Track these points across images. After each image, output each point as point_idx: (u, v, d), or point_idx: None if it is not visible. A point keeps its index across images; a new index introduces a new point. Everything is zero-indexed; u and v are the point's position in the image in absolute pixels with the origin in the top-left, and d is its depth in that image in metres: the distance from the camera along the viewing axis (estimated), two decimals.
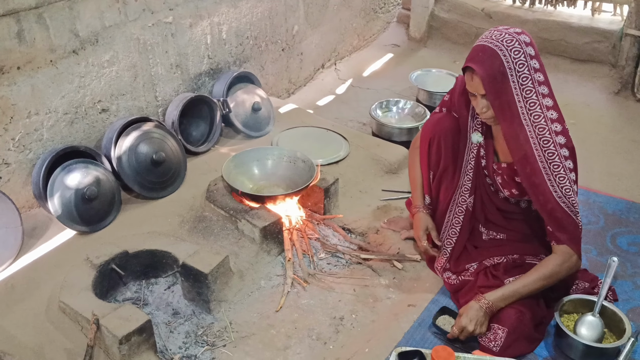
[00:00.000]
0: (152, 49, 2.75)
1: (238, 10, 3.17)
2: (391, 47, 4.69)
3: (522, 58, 1.85)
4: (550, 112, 1.90)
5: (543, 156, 1.91)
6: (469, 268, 2.23)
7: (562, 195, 1.91)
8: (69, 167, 2.38)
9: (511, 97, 1.88)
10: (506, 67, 1.85)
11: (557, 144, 1.90)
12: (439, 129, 2.23)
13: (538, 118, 1.89)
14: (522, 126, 1.90)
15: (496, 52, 1.85)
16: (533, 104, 1.88)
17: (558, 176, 1.90)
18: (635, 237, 2.57)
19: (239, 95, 3.11)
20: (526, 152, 1.92)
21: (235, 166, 2.59)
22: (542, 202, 1.95)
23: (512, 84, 1.86)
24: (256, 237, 2.34)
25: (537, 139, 1.90)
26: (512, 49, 1.85)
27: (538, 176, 1.92)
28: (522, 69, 1.85)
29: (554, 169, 1.90)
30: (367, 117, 3.44)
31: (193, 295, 2.16)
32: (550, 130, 1.89)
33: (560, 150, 1.90)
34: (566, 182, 1.90)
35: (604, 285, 2.02)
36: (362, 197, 2.80)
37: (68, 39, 2.40)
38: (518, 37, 1.86)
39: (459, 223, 2.25)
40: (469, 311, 1.97)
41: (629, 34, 3.65)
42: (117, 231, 2.41)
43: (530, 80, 1.86)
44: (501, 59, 1.85)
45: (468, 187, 2.20)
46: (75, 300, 2.01)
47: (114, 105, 2.67)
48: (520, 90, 1.87)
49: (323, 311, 2.19)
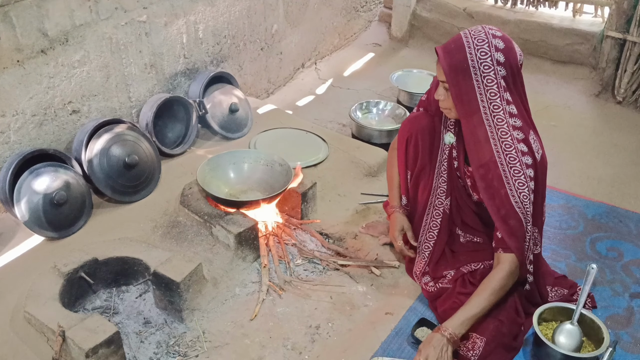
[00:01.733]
0: (125, 48, 2.68)
1: (215, 9, 3.10)
2: (372, 46, 4.65)
3: (487, 60, 1.81)
4: (513, 120, 1.87)
5: (504, 159, 1.88)
6: (446, 275, 2.20)
7: (519, 201, 1.88)
8: (37, 170, 2.30)
9: (473, 94, 1.85)
10: (469, 64, 1.82)
11: (518, 150, 1.87)
12: (416, 127, 2.19)
13: (501, 122, 1.86)
14: (483, 124, 1.87)
15: (464, 46, 1.83)
16: (497, 107, 1.85)
17: (517, 182, 1.88)
18: (615, 242, 2.56)
19: (216, 96, 3.04)
20: (486, 155, 1.89)
21: (211, 170, 2.52)
22: (497, 206, 1.92)
23: (476, 82, 1.83)
24: (231, 244, 2.28)
25: (499, 142, 1.88)
26: (480, 49, 1.82)
27: (497, 180, 1.89)
28: (488, 71, 1.82)
29: (514, 173, 1.87)
30: (347, 118, 3.40)
31: (165, 304, 2.10)
32: (513, 137, 1.87)
33: (522, 158, 1.87)
34: (525, 189, 1.88)
35: (583, 293, 2.00)
36: (340, 200, 2.75)
37: (36, 38, 2.31)
38: (491, 40, 1.82)
39: (436, 226, 2.22)
40: (433, 342, 1.86)
41: (610, 35, 3.64)
42: (87, 237, 2.35)
43: (495, 84, 1.83)
44: (466, 55, 1.82)
45: (444, 189, 2.18)
46: (41, 310, 1.94)
47: (85, 106, 2.59)
48: (484, 91, 1.84)
49: (299, 320, 2.14)
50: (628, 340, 2.08)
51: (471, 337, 1.95)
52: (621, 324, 2.15)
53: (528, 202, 1.89)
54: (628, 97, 3.69)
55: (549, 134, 3.45)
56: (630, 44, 3.56)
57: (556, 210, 2.74)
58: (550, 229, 2.62)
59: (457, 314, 1.91)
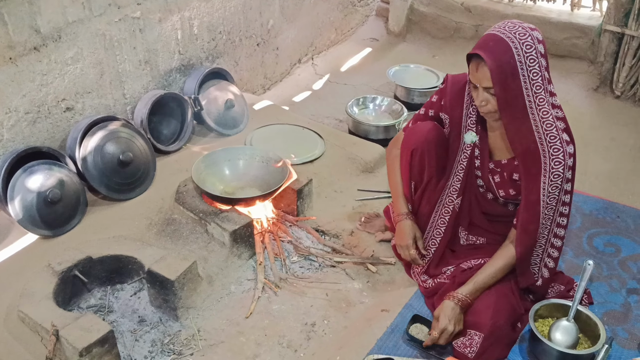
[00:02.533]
0: (119, 45, 2.66)
1: (210, 5, 3.08)
2: (370, 41, 4.63)
3: (533, 53, 1.79)
4: (556, 111, 1.87)
5: (547, 150, 1.86)
6: (445, 271, 2.19)
7: (545, 194, 1.89)
8: (31, 168, 2.29)
9: (519, 91, 1.81)
10: (517, 59, 1.78)
11: (563, 140, 1.86)
12: (422, 140, 2.13)
13: (546, 115, 1.85)
14: (528, 120, 1.85)
15: (508, 43, 1.78)
16: (542, 100, 1.83)
17: (554, 174, 1.87)
18: (612, 238, 2.55)
19: (211, 92, 3.03)
20: (529, 145, 1.88)
21: (206, 167, 2.51)
22: (528, 191, 1.93)
23: (522, 77, 1.80)
24: (226, 241, 2.27)
25: (544, 135, 1.86)
26: (525, 42, 1.78)
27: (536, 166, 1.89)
28: (533, 64, 1.79)
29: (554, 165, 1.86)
30: (344, 114, 3.38)
31: (160, 302, 2.09)
32: (557, 128, 1.86)
33: (566, 147, 1.87)
34: (558, 180, 1.88)
35: (579, 289, 1.99)
36: (337, 197, 2.74)
37: (28, 35, 2.29)
38: (531, 33, 1.80)
39: (444, 224, 2.21)
40: (446, 311, 1.94)
41: (608, 29, 3.62)
42: (81, 235, 2.33)
43: (540, 76, 1.81)
44: (512, 51, 1.78)
45: (457, 187, 2.15)
46: (34, 309, 1.93)
47: (79, 103, 2.58)
48: (530, 85, 1.81)
49: (294, 317, 2.13)
50: (624, 337, 2.07)
51: (468, 333, 1.94)
52: (618, 320, 2.14)
53: (557, 194, 1.90)
54: (626, 92, 3.67)
55: None
56: (628, 37, 3.54)
57: None
58: None
59: (470, 282, 1.99)
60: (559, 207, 1.94)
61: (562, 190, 1.92)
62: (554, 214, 1.95)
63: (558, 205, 1.94)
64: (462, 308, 1.95)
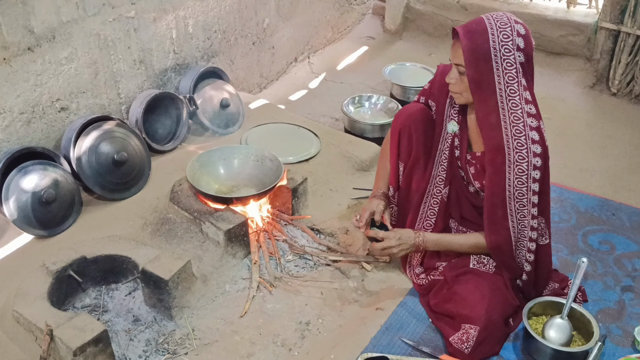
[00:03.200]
0: (114, 44, 2.66)
1: (205, 4, 3.08)
2: (366, 39, 4.62)
3: (509, 44, 1.81)
4: (528, 106, 1.87)
5: (512, 145, 1.88)
6: (438, 266, 2.20)
7: (512, 192, 1.91)
8: (25, 169, 2.29)
9: (491, 76, 1.84)
10: (491, 45, 1.81)
11: (529, 137, 1.86)
12: (410, 120, 2.18)
13: (515, 107, 1.86)
14: (497, 108, 1.87)
15: (486, 28, 1.82)
16: (513, 92, 1.85)
17: (518, 168, 1.88)
18: (607, 235, 2.55)
19: (206, 91, 3.03)
20: (497, 139, 1.89)
21: (201, 166, 2.51)
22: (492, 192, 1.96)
23: (495, 64, 1.82)
24: (221, 240, 2.27)
25: (510, 127, 1.87)
26: (502, 32, 1.81)
27: (501, 156, 1.90)
28: (508, 54, 1.82)
29: (518, 159, 1.88)
30: (340, 113, 3.38)
31: (154, 302, 2.09)
32: (525, 123, 1.86)
33: (532, 146, 1.87)
34: (523, 177, 1.89)
35: (573, 287, 2.00)
36: (332, 195, 2.74)
37: (22, 36, 2.29)
38: (513, 25, 1.83)
39: (434, 214, 2.22)
40: (404, 235, 2.09)
41: (604, 27, 3.62)
42: (76, 235, 2.33)
43: (514, 68, 1.83)
44: (488, 36, 1.81)
45: (442, 177, 2.17)
46: (29, 309, 1.93)
47: (73, 103, 2.58)
48: (503, 74, 1.83)
49: (289, 316, 2.14)
50: (618, 334, 2.08)
51: (463, 327, 1.95)
52: (612, 318, 2.15)
53: (525, 191, 1.90)
54: (622, 89, 3.67)
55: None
56: (624, 35, 3.54)
57: None
58: None
59: (439, 235, 2.14)
60: (529, 207, 1.93)
61: (530, 190, 1.90)
62: (525, 212, 1.94)
63: (528, 204, 1.92)
64: (415, 245, 2.10)
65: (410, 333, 2.06)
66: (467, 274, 2.09)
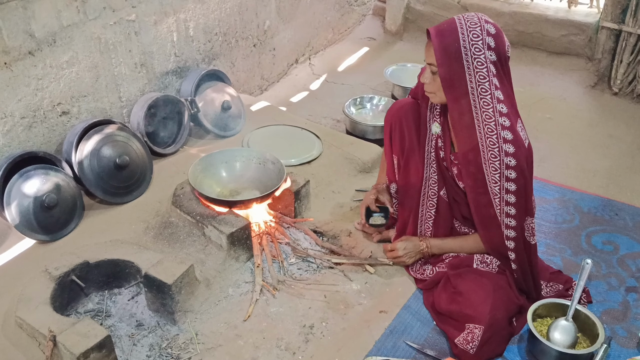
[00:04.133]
0: (115, 48, 2.65)
1: (206, 6, 3.07)
2: (367, 40, 4.62)
3: (479, 43, 1.82)
4: (500, 105, 1.87)
5: (485, 144, 1.89)
6: (445, 258, 2.21)
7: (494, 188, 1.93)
8: (27, 173, 2.28)
9: (462, 76, 1.85)
10: (461, 44, 1.82)
11: (500, 137, 1.87)
12: (400, 112, 2.22)
13: (487, 106, 1.87)
14: (470, 107, 1.88)
15: (457, 27, 1.84)
16: (484, 91, 1.86)
17: (491, 166, 1.90)
18: (610, 236, 2.54)
19: (208, 94, 3.02)
20: (473, 140, 1.91)
21: (203, 169, 2.50)
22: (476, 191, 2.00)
23: (466, 63, 1.83)
24: (223, 244, 2.26)
25: (483, 125, 1.88)
26: (472, 31, 1.83)
27: (475, 153, 1.92)
28: (479, 54, 1.83)
29: (491, 158, 1.89)
30: (342, 114, 3.37)
31: (157, 306, 2.08)
32: (497, 122, 1.87)
33: (503, 145, 1.87)
34: (496, 175, 1.90)
35: (577, 289, 1.99)
36: (335, 197, 2.73)
37: (23, 40, 2.29)
38: (483, 24, 1.84)
39: (431, 217, 2.23)
40: (409, 241, 2.22)
41: (605, 26, 3.62)
42: (78, 239, 2.33)
43: (485, 67, 1.84)
44: (458, 35, 1.83)
45: (435, 179, 2.19)
46: (32, 315, 1.93)
47: (75, 107, 2.57)
48: (474, 73, 1.84)
49: (292, 319, 2.13)
50: (623, 335, 2.07)
51: (467, 327, 1.95)
52: (617, 319, 2.14)
53: (497, 191, 1.92)
54: (624, 88, 3.66)
55: (544, 126, 3.44)
56: (626, 34, 3.53)
57: (551, 204, 2.73)
58: (545, 223, 2.60)
59: (442, 240, 2.21)
60: (503, 205, 1.94)
61: (503, 188, 1.91)
62: (499, 209, 1.95)
63: (502, 203, 1.94)
64: (421, 252, 2.21)
65: (415, 336, 2.05)
66: (470, 274, 2.09)
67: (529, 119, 3.48)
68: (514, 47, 4.13)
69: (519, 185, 1.91)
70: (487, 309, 1.94)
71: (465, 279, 2.08)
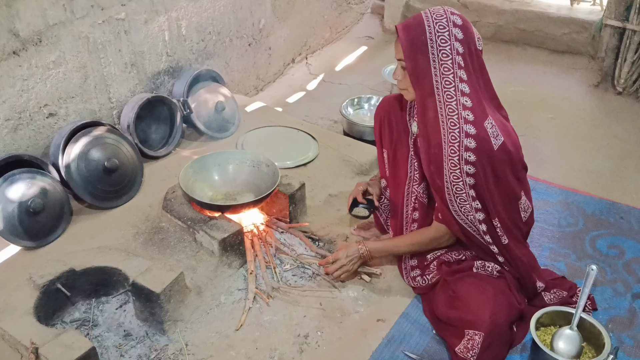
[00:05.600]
0: (104, 47, 2.58)
1: (198, 4, 3.00)
2: (365, 39, 4.55)
3: (445, 35, 1.79)
4: (464, 98, 1.82)
5: (447, 138, 1.85)
6: (429, 264, 2.15)
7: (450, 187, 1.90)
8: (12, 177, 2.21)
9: (428, 69, 1.82)
10: (427, 37, 1.79)
11: (463, 130, 1.82)
12: (387, 106, 2.22)
13: (450, 99, 1.83)
14: (434, 100, 1.85)
15: (422, 21, 1.82)
16: (448, 83, 1.82)
17: (451, 162, 1.86)
18: (615, 239, 2.47)
19: (201, 95, 2.94)
20: (437, 136, 1.87)
21: (194, 172, 2.43)
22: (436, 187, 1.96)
23: (432, 55, 1.80)
24: (215, 250, 2.19)
25: (446, 119, 1.84)
26: (438, 23, 1.80)
27: (439, 148, 1.88)
28: (444, 45, 1.79)
29: (450, 153, 1.85)
30: (339, 114, 3.30)
31: (146, 316, 2.00)
32: (460, 116, 1.82)
33: (465, 140, 1.82)
34: (456, 171, 1.86)
35: (582, 296, 1.91)
36: (331, 201, 2.65)
37: (7, 40, 2.21)
38: (449, 16, 1.81)
39: (417, 218, 2.19)
40: (349, 249, 2.16)
41: (609, 24, 3.54)
42: (66, 245, 2.26)
43: (450, 59, 1.80)
44: (424, 28, 1.80)
45: (417, 177, 2.15)
46: (14, 325, 1.86)
47: (62, 109, 2.49)
48: (439, 65, 1.81)
49: (287, 328, 2.05)
50: (630, 344, 2.00)
51: (467, 334, 1.88)
52: (623, 326, 2.06)
53: (462, 186, 1.87)
54: (628, 87, 3.59)
55: (546, 126, 3.36)
56: (630, 32, 3.46)
57: (554, 207, 2.65)
58: (548, 226, 2.53)
59: (381, 242, 2.20)
60: (470, 201, 1.89)
61: (466, 184, 1.87)
62: (468, 206, 1.91)
63: (468, 199, 1.89)
64: (362, 257, 2.16)
65: (414, 345, 1.97)
66: (469, 277, 2.03)
67: (531, 119, 3.41)
68: (515, 45, 4.07)
69: (480, 182, 1.86)
70: (487, 314, 1.87)
71: (464, 282, 2.01)
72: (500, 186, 1.90)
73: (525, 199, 2.01)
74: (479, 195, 1.88)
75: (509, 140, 1.89)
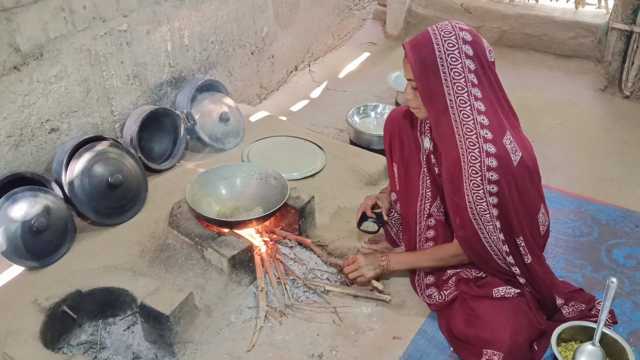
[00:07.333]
0: (106, 60, 2.52)
1: (201, 14, 2.94)
2: (368, 45, 4.50)
3: (455, 52, 1.74)
4: (481, 117, 1.76)
5: (467, 158, 1.78)
6: (448, 280, 2.09)
7: (473, 207, 1.83)
8: (14, 196, 2.15)
9: (440, 88, 1.76)
10: (437, 55, 1.74)
11: (483, 150, 1.76)
12: (396, 120, 2.17)
13: (467, 118, 1.77)
14: (450, 120, 1.79)
15: (431, 38, 1.76)
16: (463, 102, 1.77)
17: (473, 183, 1.79)
18: (632, 249, 2.41)
19: (204, 105, 2.89)
20: (454, 155, 1.82)
21: (201, 187, 2.36)
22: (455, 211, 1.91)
23: (443, 74, 1.75)
24: (224, 267, 2.13)
25: (464, 139, 1.78)
26: (447, 40, 1.75)
27: (458, 169, 1.82)
28: (455, 64, 1.74)
29: (472, 174, 1.79)
30: (344, 123, 3.25)
31: (155, 338, 1.94)
32: (479, 135, 1.76)
33: (486, 159, 1.76)
34: (480, 191, 1.80)
35: (603, 310, 1.86)
36: (341, 212, 2.60)
37: (8, 55, 2.16)
38: (458, 32, 1.75)
39: (431, 237, 2.13)
40: (371, 256, 2.14)
41: (615, 27, 3.49)
42: (70, 265, 2.20)
43: (463, 77, 1.75)
44: (433, 46, 1.75)
45: (429, 196, 2.10)
46: (20, 350, 1.79)
47: (64, 123, 2.44)
48: (451, 84, 1.76)
49: (300, 348, 1.99)
50: None
51: (485, 353, 1.82)
52: None
53: (485, 206, 1.81)
54: (636, 91, 3.54)
55: (554, 133, 3.31)
56: (637, 35, 3.42)
57: (567, 216, 2.60)
58: (562, 236, 2.47)
59: (402, 255, 2.16)
60: (494, 221, 1.83)
61: (490, 204, 1.81)
62: (491, 227, 1.85)
63: (492, 219, 1.83)
64: (381, 267, 2.12)
65: None
66: (488, 298, 1.96)
67: (539, 125, 3.36)
68: (520, 50, 4.02)
69: (504, 202, 1.80)
70: (507, 335, 1.82)
71: (484, 301, 1.95)
72: (523, 202, 1.84)
73: (543, 212, 1.96)
74: (502, 213, 1.83)
75: (527, 154, 1.84)
